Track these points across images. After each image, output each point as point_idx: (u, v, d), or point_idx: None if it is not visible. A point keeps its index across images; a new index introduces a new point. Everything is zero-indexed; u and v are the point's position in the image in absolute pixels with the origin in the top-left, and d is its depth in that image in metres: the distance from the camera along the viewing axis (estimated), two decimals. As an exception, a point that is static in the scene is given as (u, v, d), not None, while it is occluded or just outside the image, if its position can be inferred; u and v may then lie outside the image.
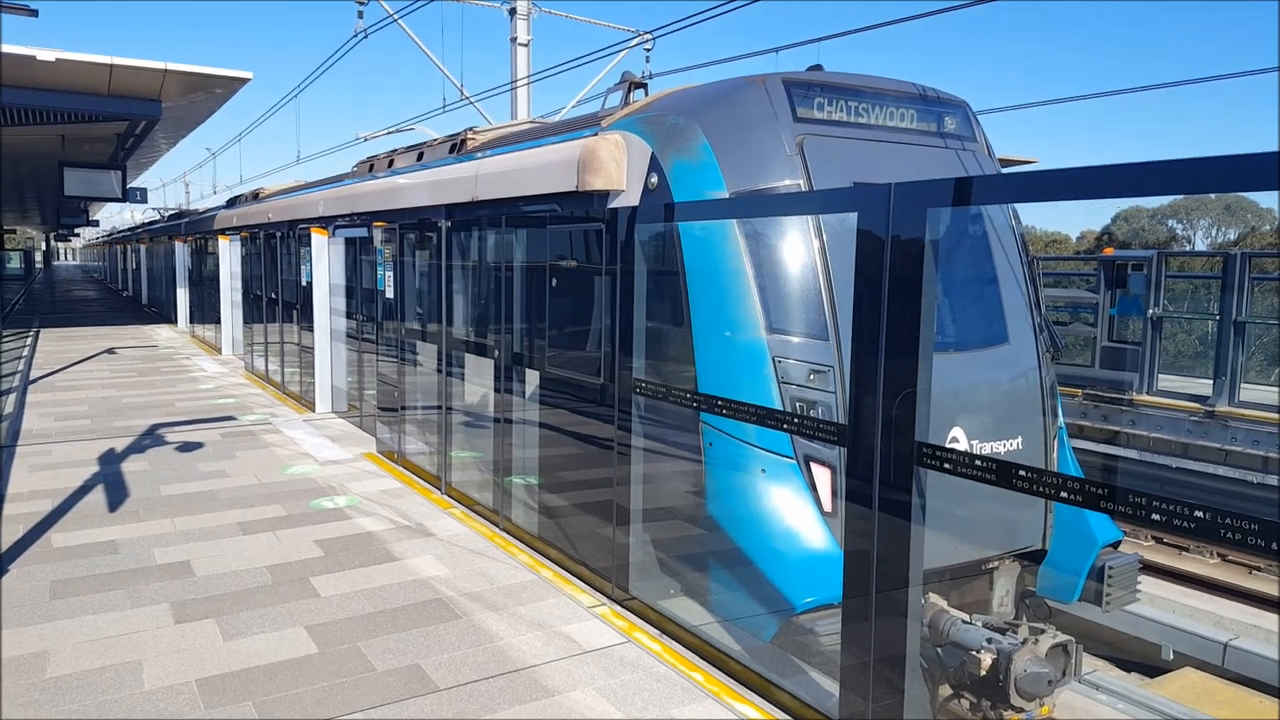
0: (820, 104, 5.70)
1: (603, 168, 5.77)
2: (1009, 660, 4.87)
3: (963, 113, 6.37)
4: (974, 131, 6.38)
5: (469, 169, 7.57)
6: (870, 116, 5.89)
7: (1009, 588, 5.90)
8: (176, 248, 24.09)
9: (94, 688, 4.21)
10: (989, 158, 6.42)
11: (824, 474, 5.08)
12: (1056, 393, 6.15)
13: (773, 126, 5.49)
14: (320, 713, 4.02)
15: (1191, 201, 58.75)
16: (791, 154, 5.47)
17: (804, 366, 5.18)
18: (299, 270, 12.43)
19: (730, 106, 5.62)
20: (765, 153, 5.46)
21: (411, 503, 7.42)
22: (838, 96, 5.77)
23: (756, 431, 4.95)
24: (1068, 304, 16.90)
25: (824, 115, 5.70)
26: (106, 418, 10.77)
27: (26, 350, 17.73)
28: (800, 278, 5.34)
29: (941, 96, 6.30)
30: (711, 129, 5.52)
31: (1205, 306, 16.35)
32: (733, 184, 5.38)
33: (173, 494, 7.52)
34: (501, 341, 6.82)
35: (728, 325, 5.26)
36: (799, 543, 4.94)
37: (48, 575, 5.63)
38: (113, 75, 14.87)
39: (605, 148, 5.80)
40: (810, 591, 4.73)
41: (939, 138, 6.19)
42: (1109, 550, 5.94)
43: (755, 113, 5.54)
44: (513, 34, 15.37)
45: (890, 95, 5.99)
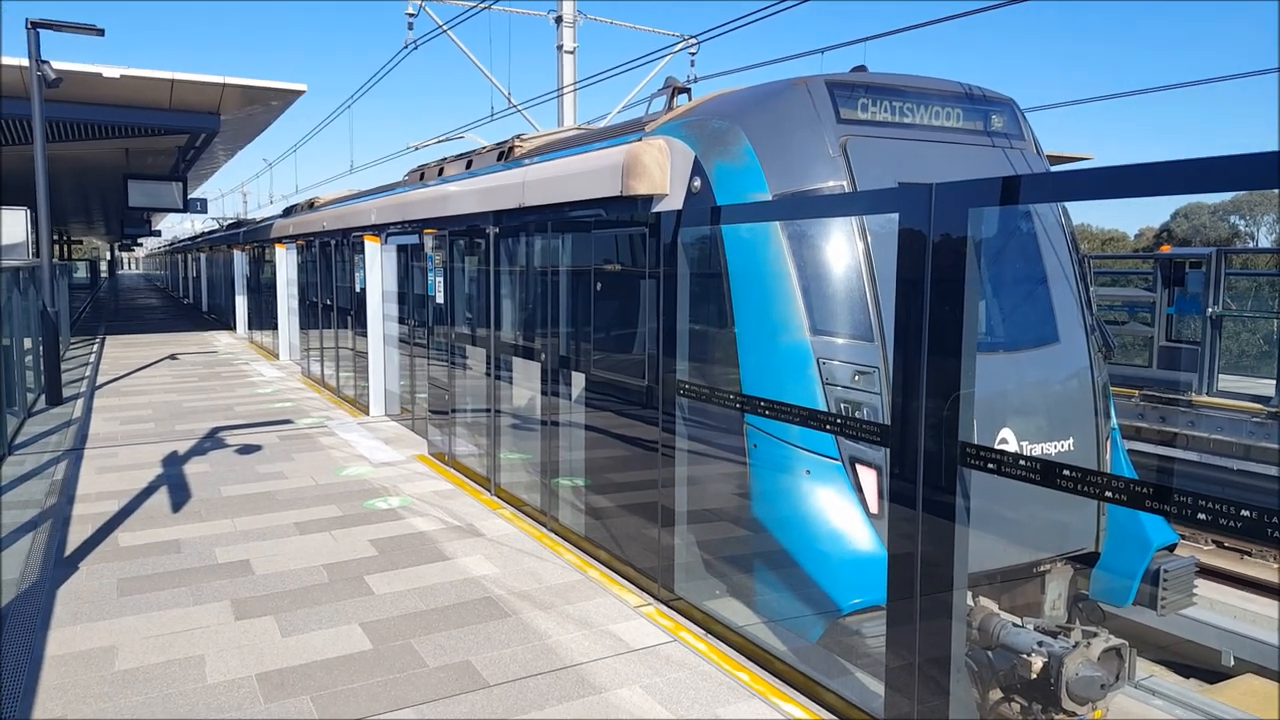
0: (864, 105, 5.68)
1: (646, 172, 5.81)
2: (1060, 664, 4.82)
3: (1010, 111, 6.28)
4: (1021, 129, 6.29)
5: (516, 176, 7.66)
6: (915, 116, 5.85)
7: (1061, 591, 5.82)
8: (235, 256, 24.75)
9: (159, 681, 4.39)
10: (1038, 156, 6.33)
11: (870, 476, 5.06)
12: (1109, 393, 6.04)
13: (815, 128, 5.49)
14: (375, 707, 4.14)
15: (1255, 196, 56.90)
16: (835, 155, 5.46)
17: (849, 368, 5.16)
18: (353, 277, 12.69)
19: (773, 109, 5.63)
20: (808, 154, 5.46)
21: (462, 503, 7.56)
22: (881, 97, 5.73)
23: (801, 433, 4.95)
24: (1124, 303, 16.52)
25: (868, 116, 5.68)
26: (169, 421, 11.14)
27: (93, 357, 18.37)
28: (844, 279, 5.33)
29: (988, 95, 6.23)
30: (754, 132, 5.53)
31: (1270, 305, 15.87)
32: (776, 186, 5.39)
33: (233, 495, 7.76)
34: (548, 345, 6.92)
35: (772, 327, 5.26)
36: (845, 544, 4.93)
37: (115, 573, 5.86)
38: (174, 90, 15.39)
39: (649, 153, 5.84)
40: (857, 593, 4.72)
41: (985, 136, 6.12)
42: (1164, 553, 5.83)
43: (798, 115, 5.54)
44: (559, 42, 15.54)
45: (935, 95, 5.93)
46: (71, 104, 15.73)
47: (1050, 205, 6.09)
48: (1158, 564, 5.71)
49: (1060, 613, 5.82)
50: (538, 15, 16.05)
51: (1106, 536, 5.78)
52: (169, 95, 15.79)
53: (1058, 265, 6.00)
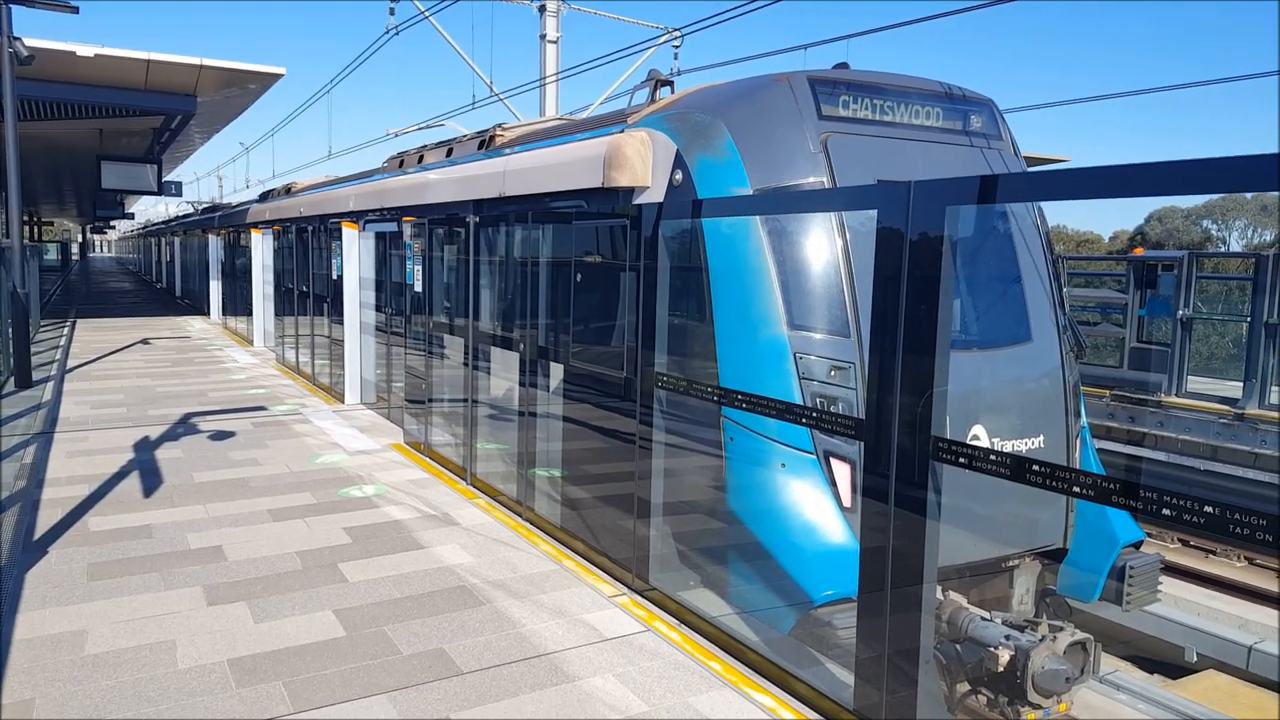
0: (845, 102, 5.72)
1: (628, 164, 5.83)
2: (1027, 657, 4.90)
3: (988, 111, 6.36)
4: (1000, 130, 6.36)
5: (497, 165, 7.64)
6: (895, 115, 5.90)
7: (1029, 586, 5.93)
8: (210, 241, 24.48)
9: (130, 665, 4.36)
10: (1015, 156, 6.40)
11: (844, 469, 5.12)
12: (1080, 392, 6.13)
13: (797, 124, 5.53)
14: (348, 694, 4.14)
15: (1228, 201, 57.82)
16: (815, 151, 5.50)
17: (825, 363, 5.21)
18: (329, 264, 12.61)
19: (755, 104, 5.65)
20: (789, 150, 5.49)
21: (437, 492, 7.55)
22: (862, 94, 5.78)
23: (777, 426, 5.00)
24: (1097, 304, 16.74)
25: (848, 113, 5.72)
26: (141, 406, 11.02)
27: (63, 340, 18.12)
28: (822, 274, 5.38)
29: (967, 95, 6.31)
30: (736, 126, 5.56)
31: (1240, 308, 16.14)
32: (756, 181, 5.43)
33: (205, 481, 7.70)
34: (526, 336, 6.91)
35: (749, 321, 5.30)
36: (818, 537, 5.00)
37: (85, 558, 5.81)
38: (150, 71, 15.17)
39: (631, 145, 5.86)
40: (829, 585, 4.79)
41: (964, 136, 6.20)
42: (1130, 550, 5.93)
43: (780, 110, 5.57)
44: (542, 31, 15.48)
45: (915, 93, 5.99)
46: (44, 83, 15.47)
47: (1026, 206, 6.16)
48: (1124, 560, 5.81)
49: (1028, 607, 5.91)
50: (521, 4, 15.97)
51: (1074, 533, 5.87)
52: (145, 76, 15.56)
53: (1032, 265, 6.08)
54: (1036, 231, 6.20)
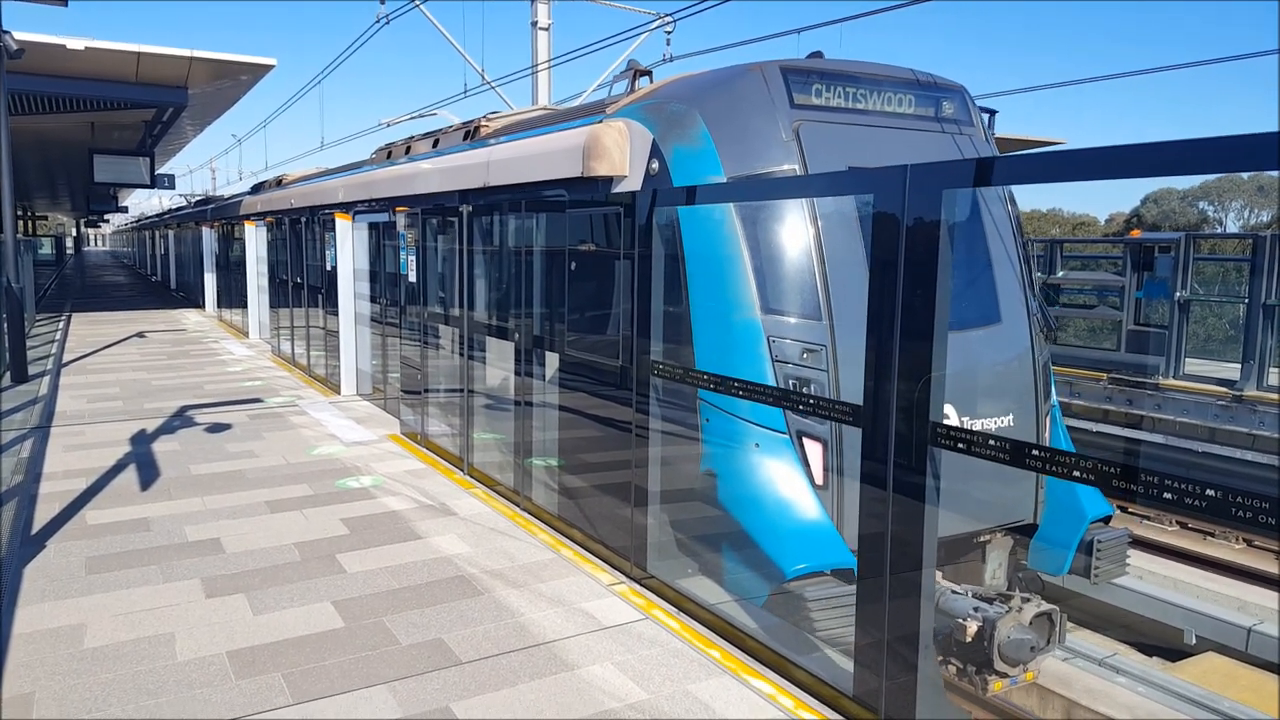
0: (818, 90, 5.81)
1: (606, 154, 5.93)
2: (993, 627, 5.08)
3: (960, 98, 6.44)
4: (971, 116, 6.47)
5: (481, 156, 7.72)
6: (867, 102, 6.00)
7: (1001, 561, 6.09)
8: (204, 233, 24.39)
9: (129, 658, 4.35)
10: (986, 142, 6.51)
11: (816, 449, 5.25)
12: (1050, 372, 6.25)
13: (769, 113, 5.62)
14: (347, 684, 4.13)
15: (1224, 182, 57.74)
16: (788, 140, 5.61)
17: (798, 346, 5.32)
18: (322, 255, 12.58)
19: (729, 94, 5.74)
20: (762, 138, 5.59)
21: (434, 483, 7.54)
22: (835, 83, 5.88)
23: (750, 407, 5.11)
24: (1094, 287, 16.73)
25: (821, 101, 5.81)
26: (137, 399, 10.99)
27: (59, 334, 18.07)
28: (794, 260, 5.47)
29: (939, 82, 6.37)
30: (711, 116, 5.65)
31: (1237, 290, 16.13)
32: (730, 169, 5.53)
33: (203, 473, 7.69)
34: (516, 324, 6.90)
35: (724, 306, 5.37)
36: (790, 513, 5.11)
37: (83, 551, 5.79)
38: (140, 63, 15.08)
39: (609, 135, 5.96)
40: (801, 559, 4.92)
41: (936, 122, 6.28)
42: (1099, 525, 6.05)
43: (753, 100, 5.66)
44: (533, 18, 15.38)
45: (887, 81, 6.08)
46: (34, 76, 15.36)
47: (997, 191, 6.23)
48: (1092, 535, 5.93)
49: (1000, 581, 6.07)
50: (514, -9, 15.87)
51: (1044, 509, 6.00)
52: (135, 68, 15.47)
53: (1002, 249, 6.18)
54: (1007, 216, 6.28)
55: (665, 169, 5.67)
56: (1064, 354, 14.57)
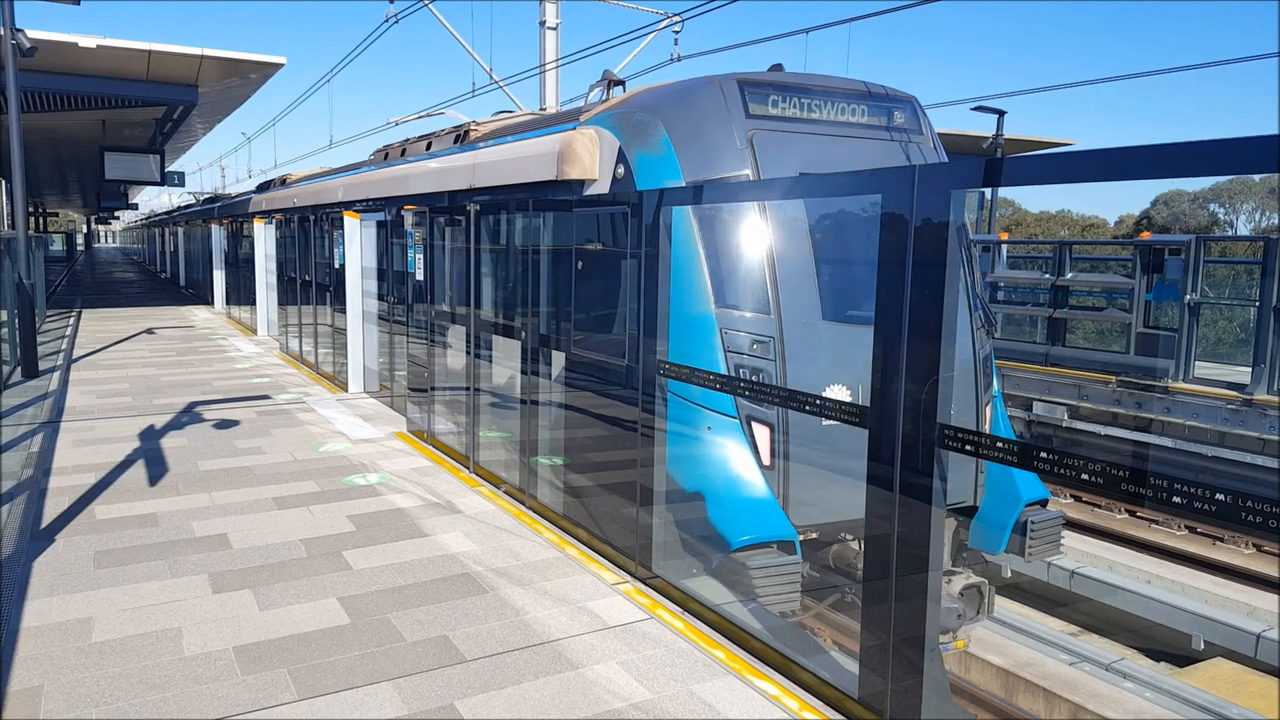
0: (774, 101, 6.23)
1: (578, 160, 6.40)
2: None
3: (910, 108, 6.84)
4: (920, 125, 6.84)
5: (467, 159, 8.15)
6: (820, 113, 6.41)
7: (944, 540, 6.36)
8: (213, 230, 24.48)
9: (136, 653, 4.37)
10: (934, 149, 6.87)
11: (764, 431, 5.69)
12: (991, 364, 6.67)
13: (725, 123, 6.05)
14: (352, 680, 4.14)
15: (1235, 185, 57.44)
16: (742, 147, 6.01)
17: (748, 337, 5.72)
18: (330, 253, 12.66)
19: (689, 104, 6.19)
20: (718, 146, 6.01)
21: (441, 480, 7.56)
22: (789, 94, 6.29)
23: (702, 393, 5.51)
24: (1103, 289, 16.66)
25: (777, 112, 6.23)
26: (146, 395, 11.04)
27: (69, 330, 18.16)
28: (745, 258, 5.89)
29: (890, 93, 6.77)
30: (672, 124, 6.10)
31: (1247, 293, 16.04)
32: (689, 174, 5.94)
33: (210, 469, 7.72)
34: (523, 322, 6.93)
35: (682, 300, 5.71)
36: (738, 490, 5.56)
37: (92, 546, 5.82)
38: (151, 61, 15.14)
39: (581, 141, 6.44)
40: (746, 531, 5.37)
41: (886, 131, 6.67)
42: (1035, 507, 6.40)
43: (710, 110, 6.09)
44: (541, 17, 15.39)
45: (839, 93, 6.49)
46: (47, 74, 15.42)
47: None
48: (1027, 517, 6.28)
49: (945, 560, 6.39)
50: (523, -9, 15.88)
51: (984, 492, 6.39)
52: (146, 66, 15.52)
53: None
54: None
55: (630, 173, 6.12)
56: (1073, 356, 14.51)
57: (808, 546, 5.91)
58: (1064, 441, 13.67)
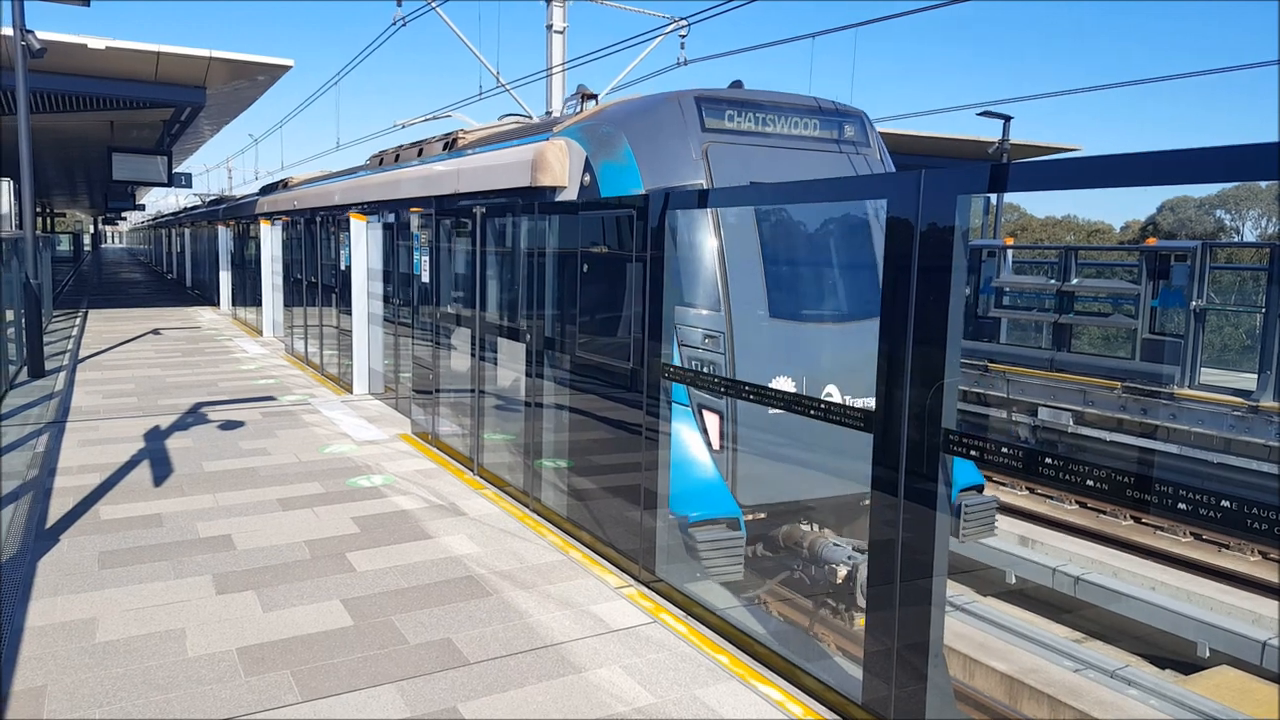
0: (729, 116, 6.69)
1: (549, 168, 6.92)
2: (856, 570, 5.99)
3: (859, 122, 7.31)
4: (868, 138, 7.30)
5: (452, 166, 8.75)
6: (773, 127, 6.86)
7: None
8: (219, 232, 24.55)
9: (140, 653, 4.38)
10: (880, 161, 7.32)
11: (714, 419, 6.13)
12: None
13: (682, 136, 6.54)
14: (355, 683, 4.14)
15: (1241, 191, 57.29)
16: (697, 159, 6.51)
17: (699, 332, 6.22)
18: (334, 255, 12.74)
19: (650, 119, 6.70)
20: (675, 157, 6.50)
21: (445, 483, 7.56)
22: (744, 110, 6.75)
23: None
24: (1109, 295, 16.62)
25: (732, 126, 6.69)
26: (152, 396, 11.06)
27: (75, 330, 18.21)
28: (699, 260, 6.30)
29: (839, 108, 7.22)
30: (634, 137, 6.60)
31: (1254, 299, 16.00)
32: (648, 182, 6.38)
33: (215, 470, 7.73)
34: (528, 325, 6.93)
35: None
36: (690, 471, 6.01)
37: (96, 546, 5.83)
38: (160, 63, 15.20)
39: (552, 151, 6.96)
40: (697, 508, 5.83)
41: (835, 144, 7.14)
42: (969, 492, 6.84)
43: (669, 124, 6.59)
44: (549, 21, 15.42)
45: (790, 108, 6.94)
46: (56, 75, 15.50)
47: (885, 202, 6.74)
48: (961, 501, 6.70)
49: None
50: (530, -6, 15.90)
51: None
52: (154, 68, 15.59)
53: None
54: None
55: (595, 181, 6.62)
56: (1078, 362, 14.48)
57: (761, 525, 6.38)
58: (1069, 447, 13.63)
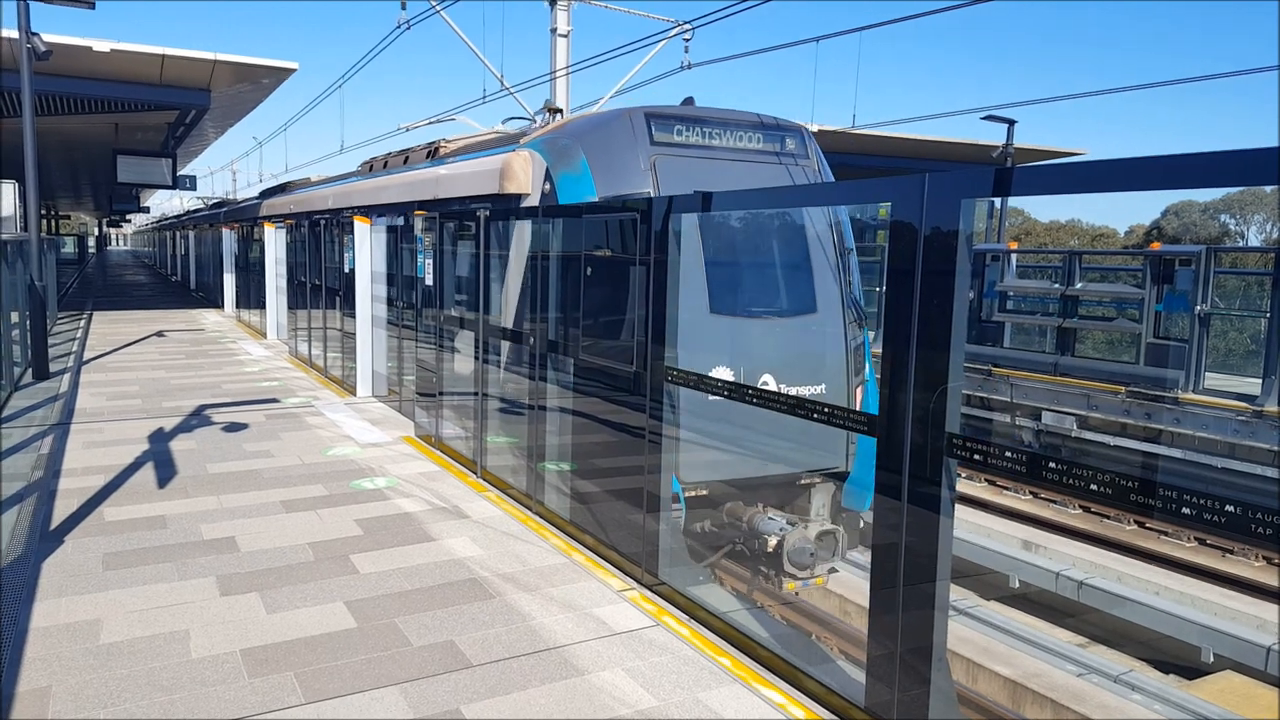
0: (677, 130, 7.27)
1: (515, 177, 7.53)
2: (783, 540, 6.69)
3: (799, 136, 7.82)
4: (807, 151, 7.81)
5: (432, 174, 9.38)
6: (718, 140, 7.43)
7: (825, 500, 7.48)
8: (224, 234, 24.60)
9: (144, 655, 4.38)
10: (818, 172, 7.82)
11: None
12: (863, 352, 7.65)
13: (632, 149, 7.11)
14: (358, 685, 4.15)
15: (1246, 195, 57.20)
16: (645, 169, 7.05)
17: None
18: (338, 257, 12.81)
19: (603, 133, 7.29)
20: (625, 168, 7.06)
21: (448, 485, 7.57)
22: (691, 125, 7.33)
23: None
24: (1113, 299, 16.60)
25: (680, 140, 7.27)
26: (156, 398, 11.09)
27: (80, 332, 18.25)
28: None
29: (780, 123, 7.77)
30: (589, 150, 7.19)
31: (1258, 304, 15.97)
32: (601, 191, 6.96)
33: (219, 472, 7.74)
34: (531, 329, 6.97)
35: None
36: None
37: (101, 548, 5.84)
38: (164, 65, 15.25)
39: (517, 161, 7.59)
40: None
41: (775, 156, 7.65)
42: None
43: (620, 138, 7.16)
44: (553, 25, 15.44)
45: (734, 123, 7.50)
46: (61, 77, 15.55)
47: (823, 210, 7.48)
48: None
49: (826, 518, 7.45)
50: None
51: (855, 459, 7.34)
52: (159, 71, 15.63)
53: (824, 256, 7.53)
54: (830, 229, 7.60)
55: (554, 189, 7.19)
56: (1082, 366, 14.46)
57: (703, 502, 6.91)
58: (1073, 452, 13.61)
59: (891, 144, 22.69)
